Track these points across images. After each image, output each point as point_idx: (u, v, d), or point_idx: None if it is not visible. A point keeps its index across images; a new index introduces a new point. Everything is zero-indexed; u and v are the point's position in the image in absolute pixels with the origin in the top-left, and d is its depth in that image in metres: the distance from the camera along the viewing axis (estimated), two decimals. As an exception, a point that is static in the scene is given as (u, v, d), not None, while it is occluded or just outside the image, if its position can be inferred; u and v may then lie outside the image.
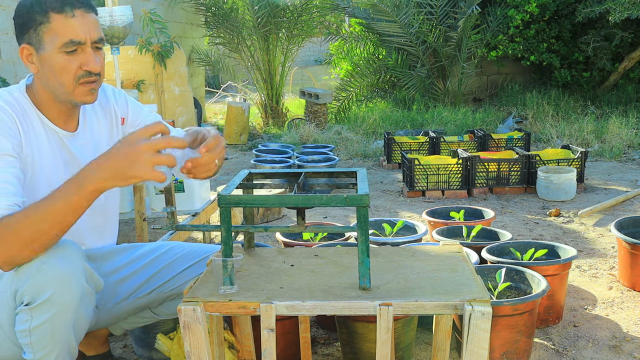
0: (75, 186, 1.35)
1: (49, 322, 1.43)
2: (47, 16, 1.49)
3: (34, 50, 1.54)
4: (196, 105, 8.32)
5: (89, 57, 1.54)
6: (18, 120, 1.54)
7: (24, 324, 1.44)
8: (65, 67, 1.52)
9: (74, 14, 1.51)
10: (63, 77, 1.53)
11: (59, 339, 1.47)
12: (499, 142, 5.86)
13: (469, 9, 8.22)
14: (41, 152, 1.59)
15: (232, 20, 8.82)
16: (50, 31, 1.50)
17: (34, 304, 1.42)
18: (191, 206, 3.66)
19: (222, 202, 1.44)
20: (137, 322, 1.96)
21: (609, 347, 2.21)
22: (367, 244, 1.41)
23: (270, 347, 1.38)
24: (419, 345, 2.26)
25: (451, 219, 3.13)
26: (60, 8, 1.50)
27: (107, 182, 1.34)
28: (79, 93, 1.56)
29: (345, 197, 1.40)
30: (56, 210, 1.35)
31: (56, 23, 1.50)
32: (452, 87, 9.21)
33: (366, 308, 1.36)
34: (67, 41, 1.50)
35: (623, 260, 2.78)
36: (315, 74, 13.24)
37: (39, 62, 1.54)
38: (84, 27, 1.52)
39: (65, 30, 1.50)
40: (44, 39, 1.51)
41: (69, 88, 1.55)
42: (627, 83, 9.08)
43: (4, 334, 1.52)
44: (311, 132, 7.46)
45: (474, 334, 1.33)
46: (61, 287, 1.41)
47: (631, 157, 6.11)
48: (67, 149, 1.64)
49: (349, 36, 10.19)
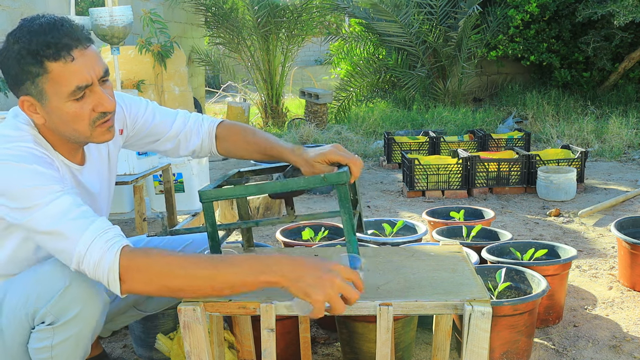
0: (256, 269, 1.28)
1: (73, 337, 1.42)
2: (43, 67, 1.33)
3: (36, 102, 1.39)
4: (196, 105, 8.32)
5: (101, 97, 1.41)
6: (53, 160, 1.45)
7: (44, 341, 1.42)
8: (77, 114, 1.39)
9: (73, 57, 1.34)
10: (77, 124, 1.41)
11: (81, 350, 1.47)
12: (499, 142, 5.86)
13: (469, 9, 8.22)
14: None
15: (232, 20, 8.82)
16: (51, 81, 1.35)
17: (57, 323, 1.40)
18: (191, 206, 3.67)
19: (203, 197, 1.47)
20: (125, 321, 1.96)
21: (609, 347, 2.21)
22: (351, 223, 1.41)
23: (270, 347, 1.38)
24: (419, 345, 2.26)
25: (451, 219, 3.13)
26: (56, 55, 1.33)
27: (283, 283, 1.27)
28: (98, 135, 1.46)
29: (322, 176, 1.40)
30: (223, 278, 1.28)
31: (56, 72, 1.34)
32: (452, 87, 9.21)
33: (366, 308, 1.36)
34: (74, 89, 1.36)
35: (623, 260, 2.78)
36: (315, 74, 13.24)
37: (45, 112, 1.40)
38: (87, 67, 1.37)
39: (68, 78, 1.35)
40: (45, 90, 1.36)
41: (87, 133, 1.44)
42: (627, 83, 9.08)
43: (6, 352, 1.48)
44: (311, 132, 7.46)
45: (474, 334, 1.33)
46: (87, 304, 1.40)
47: (631, 157, 6.11)
48: (79, 182, 1.58)
49: (349, 36, 10.20)
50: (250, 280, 1.28)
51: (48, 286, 1.38)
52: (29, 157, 1.36)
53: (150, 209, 3.68)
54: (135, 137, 1.78)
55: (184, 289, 1.31)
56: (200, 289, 1.30)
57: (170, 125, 1.77)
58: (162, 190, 3.50)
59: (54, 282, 1.38)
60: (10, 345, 1.47)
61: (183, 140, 1.79)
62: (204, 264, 1.30)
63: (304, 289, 1.25)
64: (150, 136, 1.78)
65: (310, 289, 1.24)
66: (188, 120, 1.79)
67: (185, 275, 1.28)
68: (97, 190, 1.66)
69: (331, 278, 1.25)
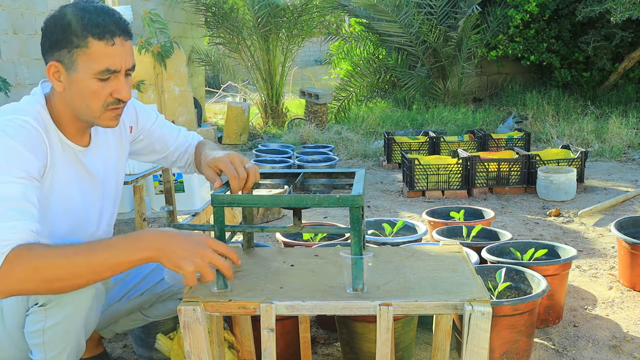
0: (129, 248, 1.34)
1: (64, 322, 1.45)
2: (85, 41, 1.45)
3: (63, 70, 1.48)
4: (196, 105, 8.32)
5: (122, 85, 1.51)
6: (46, 140, 1.50)
7: (37, 324, 1.45)
8: (96, 92, 1.49)
9: (114, 42, 1.46)
10: (92, 101, 1.50)
11: (71, 338, 1.48)
12: (499, 142, 5.86)
13: (469, 9, 8.23)
14: (57, 168, 1.56)
15: (232, 20, 8.82)
16: (86, 56, 1.46)
17: (49, 304, 1.42)
18: (191, 206, 3.67)
19: (215, 201, 1.45)
20: (128, 325, 1.97)
21: (609, 347, 2.21)
22: (360, 245, 1.40)
23: (270, 347, 1.38)
24: (419, 345, 2.26)
25: (451, 219, 3.13)
26: (100, 35, 1.45)
27: (157, 257, 1.34)
28: (105, 118, 1.54)
29: (338, 197, 1.40)
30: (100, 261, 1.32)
31: (94, 49, 1.45)
32: (452, 87, 9.21)
33: (366, 308, 1.36)
34: (104, 69, 1.47)
35: (623, 260, 2.78)
36: (315, 74, 13.25)
37: (68, 81, 1.49)
38: (121, 56, 1.49)
39: (102, 58, 1.46)
40: (77, 62, 1.46)
41: (97, 113, 1.52)
42: (627, 83, 9.08)
43: (8, 336, 1.52)
44: (311, 132, 7.46)
45: (474, 334, 1.33)
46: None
47: (631, 157, 6.11)
48: (82, 163, 1.62)
49: (349, 36, 10.20)
50: (126, 259, 1.34)
51: None
52: (21, 134, 1.43)
53: (150, 209, 3.68)
54: (141, 142, 1.88)
55: (65, 278, 1.31)
56: (81, 274, 1.32)
57: (174, 139, 1.92)
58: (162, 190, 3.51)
59: None
60: (11, 327, 1.51)
61: (179, 156, 1.94)
62: (82, 250, 1.33)
63: (175, 261, 1.34)
64: (155, 144, 1.90)
65: (180, 261, 1.33)
66: (187, 139, 1.95)
67: (67, 264, 1.30)
68: (102, 175, 1.69)
69: (201, 250, 1.35)
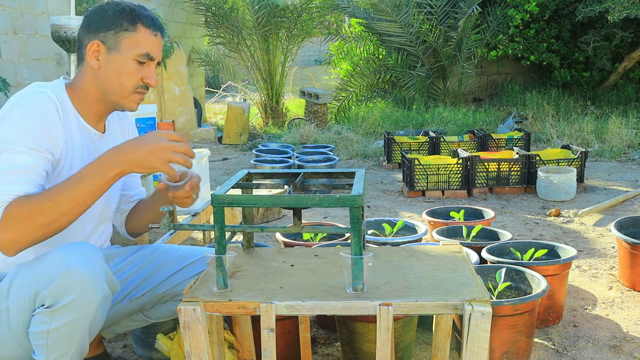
0: (100, 170, 1.48)
1: (69, 325, 1.45)
2: (135, 26, 1.63)
3: (104, 49, 1.63)
4: (196, 105, 8.32)
5: (153, 73, 1.70)
6: (62, 118, 1.61)
7: (42, 325, 1.45)
8: (132, 73, 1.65)
9: (156, 34, 1.68)
10: (127, 80, 1.65)
11: (75, 341, 1.48)
12: (499, 142, 5.86)
13: (469, 9, 8.23)
14: (74, 149, 1.65)
15: (232, 20, 8.82)
16: (132, 39, 1.63)
17: (55, 306, 1.43)
18: (191, 206, 3.66)
19: (216, 201, 1.45)
20: (129, 326, 1.97)
21: (609, 347, 2.21)
22: (360, 245, 1.40)
23: (270, 347, 1.38)
24: (419, 345, 2.26)
25: (451, 219, 3.13)
26: (148, 24, 1.66)
27: (129, 168, 1.49)
28: (131, 99, 1.69)
29: (338, 197, 1.40)
30: (81, 191, 1.46)
31: (141, 35, 1.64)
32: (452, 87, 9.21)
33: (366, 308, 1.36)
34: (145, 53, 1.64)
35: (623, 260, 2.78)
36: (315, 74, 13.25)
37: (106, 60, 1.64)
38: (159, 47, 1.70)
39: (146, 43, 1.65)
40: (121, 43, 1.63)
41: (126, 92, 1.67)
42: (627, 83, 9.09)
43: (11, 334, 1.52)
44: (311, 132, 7.46)
45: (474, 334, 1.33)
46: (85, 292, 1.43)
47: (631, 157, 6.11)
48: (97, 149, 1.71)
49: (349, 36, 10.20)
50: (102, 181, 1.48)
51: (51, 268, 1.43)
52: (47, 109, 1.56)
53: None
54: None
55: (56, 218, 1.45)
56: (69, 210, 1.46)
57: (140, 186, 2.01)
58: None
59: (57, 265, 1.43)
60: (15, 327, 1.51)
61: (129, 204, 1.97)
62: (62, 188, 1.46)
63: (146, 165, 1.48)
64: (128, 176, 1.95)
65: (150, 162, 1.48)
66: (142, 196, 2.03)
67: (52, 205, 1.44)
68: None
69: (159, 145, 1.48)
